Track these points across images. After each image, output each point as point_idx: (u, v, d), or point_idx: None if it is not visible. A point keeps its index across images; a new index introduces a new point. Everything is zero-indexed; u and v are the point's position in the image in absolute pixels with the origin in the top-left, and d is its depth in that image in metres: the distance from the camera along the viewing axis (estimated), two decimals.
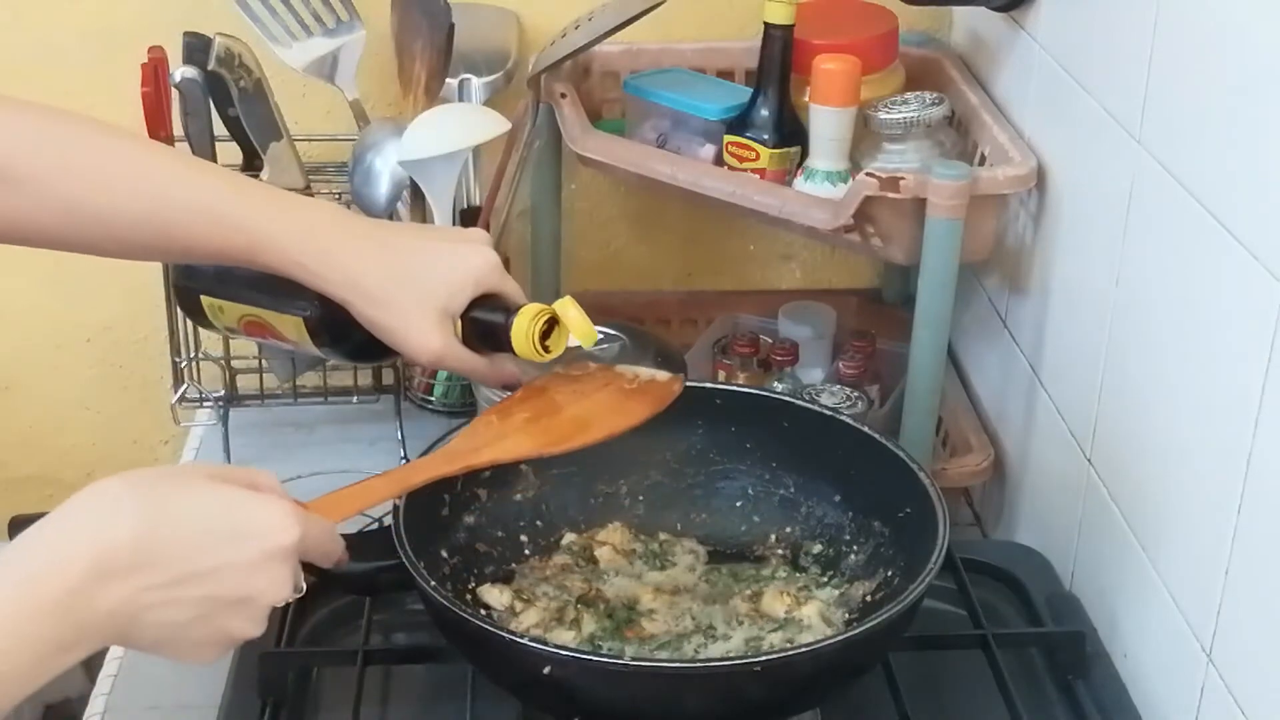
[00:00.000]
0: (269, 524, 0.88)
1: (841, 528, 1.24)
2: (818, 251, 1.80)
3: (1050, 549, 1.34)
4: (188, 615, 0.85)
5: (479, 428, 1.12)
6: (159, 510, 0.84)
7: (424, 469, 1.08)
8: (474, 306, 1.08)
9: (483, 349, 1.09)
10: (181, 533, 0.84)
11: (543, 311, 1.08)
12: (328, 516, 0.97)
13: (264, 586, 0.87)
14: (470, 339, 1.08)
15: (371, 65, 1.60)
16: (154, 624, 0.84)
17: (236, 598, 0.86)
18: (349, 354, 1.13)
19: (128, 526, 0.82)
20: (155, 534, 0.83)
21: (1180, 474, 1.11)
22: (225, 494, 0.87)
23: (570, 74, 1.57)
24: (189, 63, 1.46)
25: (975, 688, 1.17)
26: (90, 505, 0.83)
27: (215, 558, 0.85)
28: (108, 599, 0.81)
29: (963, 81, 1.53)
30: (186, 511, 0.85)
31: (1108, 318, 1.23)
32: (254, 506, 0.88)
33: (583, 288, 1.74)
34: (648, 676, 1.03)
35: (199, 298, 1.15)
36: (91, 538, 0.82)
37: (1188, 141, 1.09)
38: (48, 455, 1.84)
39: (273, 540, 0.87)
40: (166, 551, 0.83)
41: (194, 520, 0.85)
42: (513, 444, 1.10)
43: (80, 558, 0.81)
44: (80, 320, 1.80)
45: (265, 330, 1.13)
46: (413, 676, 1.21)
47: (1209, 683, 1.05)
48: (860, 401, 1.46)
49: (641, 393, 1.14)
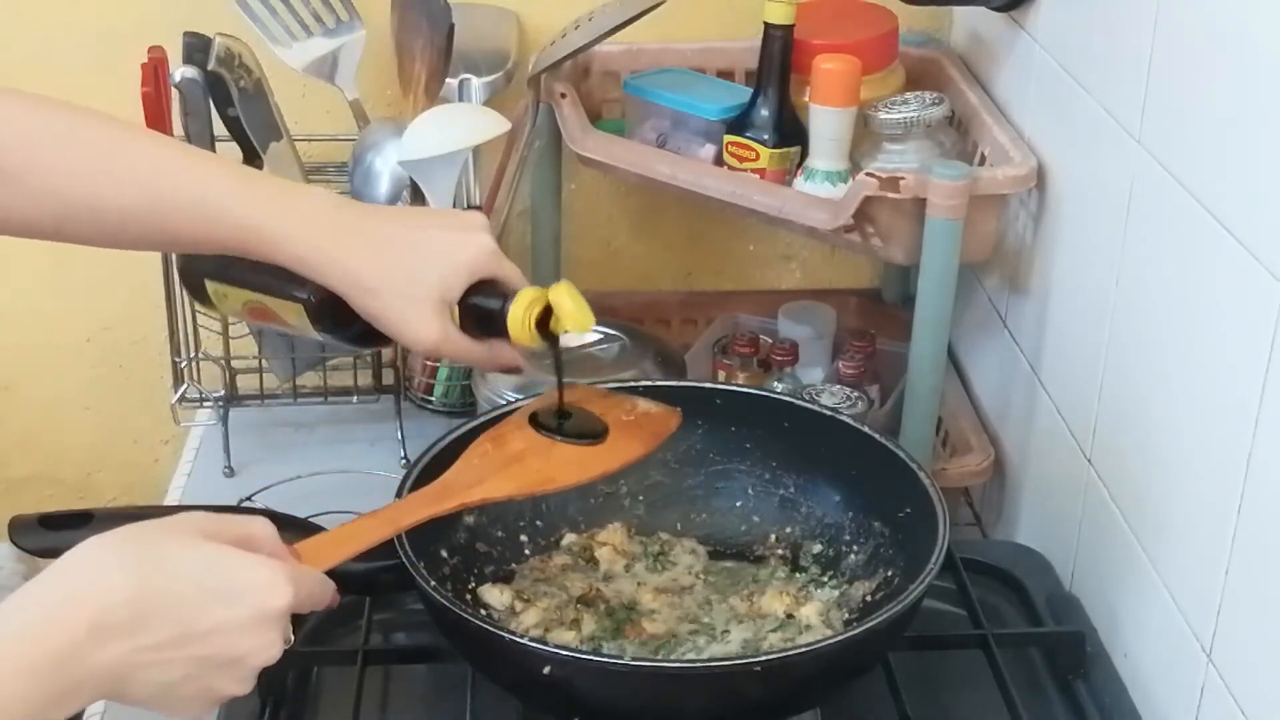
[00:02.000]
0: (262, 586, 0.88)
1: (841, 528, 1.24)
2: (818, 251, 1.80)
3: (1050, 549, 1.34)
4: (178, 675, 0.86)
5: (474, 459, 1.11)
6: (155, 569, 0.85)
7: (416, 509, 1.06)
8: (471, 292, 1.07)
9: (481, 335, 1.09)
10: (176, 592, 0.85)
11: (538, 299, 1.07)
12: (318, 564, 0.97)
13: (254, 648, 0.88)
14: (468, 325, 1.08)
15: (371, 65, 1.60)
16: (145, 682, 0.85)
17: (227, 659, 0.87)
18: (351, 339, 1.13)
19: (124, 585, 0.84)
20: (151, 593, 0.84)
21: (1180, 474, 1.11)
22: (219, 554, 0.88)
23: (570, 74, 1.57)
24: (189, 63, 1.46)
25: (975, 688, 1.18)
26: (87, 562, 0.85)
27: (209, 619, 0.86)
28: (103, 657, 0.83)
29: (963, 81, 1.53)
30: (181, 571, 0.86)
31: (1108, 318, 1.23)
32: (248, 568, 0.88)
33: (583, 288, 1.73)
34: (648, 676, 1.04)
35: (204, 281, 1.14)
36: (89, 596, 0.83)
37: (1188, 141, 1.09)
38: (47, 455, 1.84)
39: (266, 603, 0.88)
40: (161, 612, 0.85)
41: (188, 580, 0.86)
42: (504, 481, 1.08)
43: (77, 615, 0.82)
44: (80, 320, 1.80)
45: (267, 316, 1.13)
46: (413, 676, 1.21)
47: (1209, 683, 1.05)
48: (860, 401, 1.46)
49: (638, 426, 1.13)
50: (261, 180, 1.09)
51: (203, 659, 0.86)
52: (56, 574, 0.84)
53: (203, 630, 0.86)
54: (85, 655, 0.82)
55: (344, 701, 1.14)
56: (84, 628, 0.82)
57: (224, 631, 0.87)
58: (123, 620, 0.83)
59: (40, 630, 0.81)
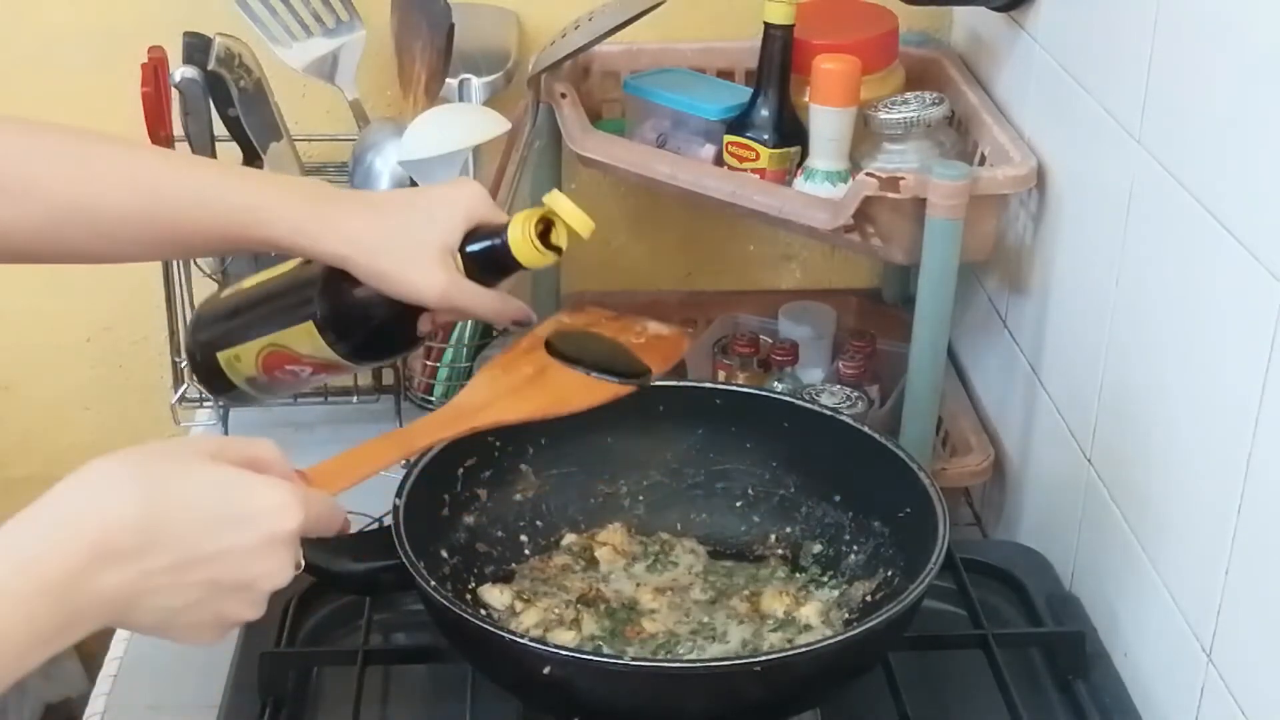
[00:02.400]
0: (271, 508, 0.86)
1: (841, 528, 1.24)
2: (818, 251, 1.80)
3: (1050, 549, 1.34)
4: (187, 600, 0.84)
5: (481, 383, 1.09)
6: (160, 492, 0.83)
7: (426, 431, 1.04)
8: (470, 240, 1.06)
9: (489, 280, 1.07)
10: (183, 516, 0.83)
11: (534, 212, 1.06)
12: (329, 488, 0.94)
13: (265, 571, 0.86)
14: (473, 273, 1.06)
15: (371, 65, 1.60)
16: (152, 608, 0.83)
17: (237, 583, 0.85)
18: (362, 346, 1.11)
19: (130, 509, 0.81)
20: (157, 517, 0.82)
21: (1180, 474, 1.11)
22: (226, 475, 0.86)
23: (570, 74, 1.57)
24: (189, 63, 1.46)
25: (975, 688, 1.18)
26: (90, 486, 0.82)
27: (217, 543, 0.84)
28: (108, 582, 0.80)
29: (963, 81, 1.53)
30: (187, 494, 0.84)
31: (1108, 318, 1.23)
32: (256, 489, 0.86)
33: (583, 288, 1.74)
34: (648, 676, 1.04)
35: (215, 357, 1.13)
36: (93, 520, 0.80)
37: (1188, 141, 1.09)
38: (47, 455, 1.84)
39: (275, 525, 0.85)
40: (168, 535, 0.82)
41: (195, 503, 0.84)
42: (516, 404, 1.07)
43: (82, 540, 0.80)
44: (80, 320, 1.80)
45: (283, 358, 1.10)
46: (413, 676, 1.21)
47: (1209, 683, 1.05)
48: (860, 401, 1.46)
49: (649, 348, 1.12)
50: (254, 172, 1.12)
51: (211, 583, 0.84)
52: (57, 499, 0.81)
53: (211, 553, 0.83)
54: (88, 582, 0.79)
55: (344, 701, 1.14)
56: (86, 553, 0.79)
57: (234, 554, 0.84)
58: (127, 545, 0.80)
59: (43, 556, 0.79)
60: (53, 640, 0.79)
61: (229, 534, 0.84)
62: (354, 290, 1.06)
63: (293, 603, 1.21)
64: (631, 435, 1.26)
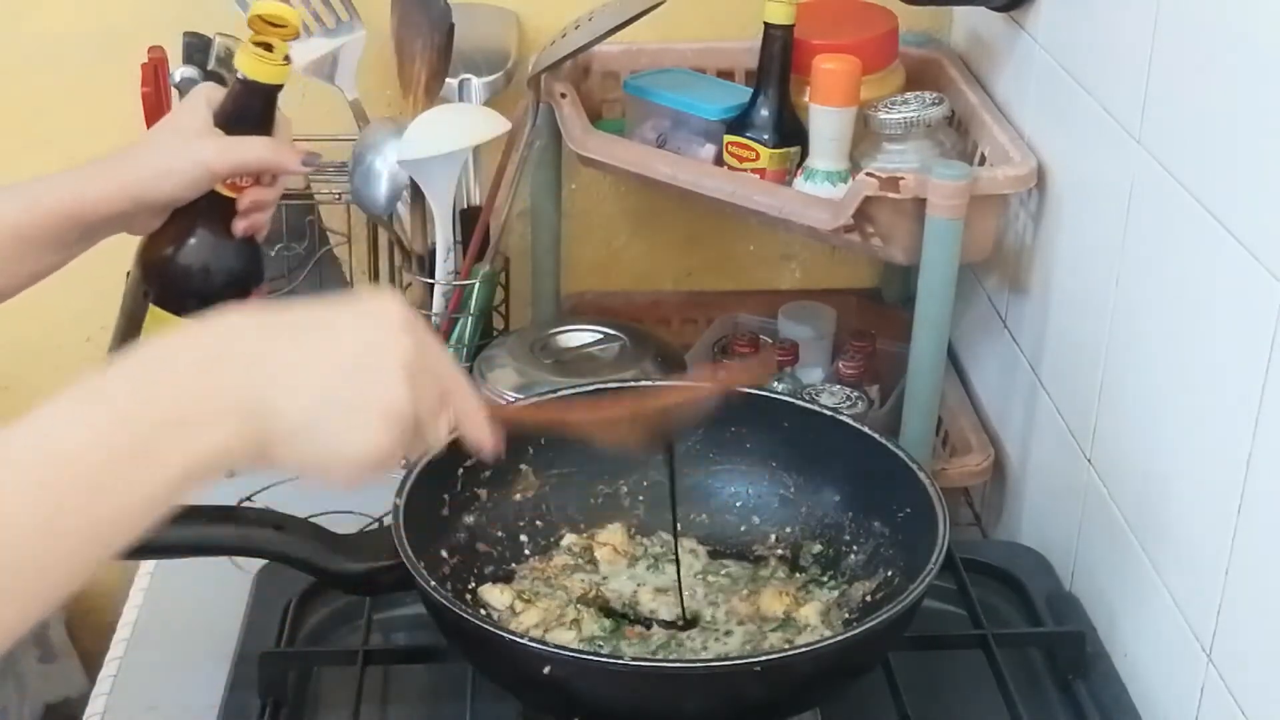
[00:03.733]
0: (382, 304, 0.85)
1: (841, 528, 1.24)
2: (818, 251, 1.80)
3: (1050, 549, 1.34)
4: (323, 374, 0.81)
5: None
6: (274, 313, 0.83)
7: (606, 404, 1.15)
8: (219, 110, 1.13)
9: (258, 130, 1.12)
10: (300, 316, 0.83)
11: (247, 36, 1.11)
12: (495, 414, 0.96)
13: (394, 347, 0.83)
14: (240, 131, 1.12)
15: (371, 65, 1.60)
16: (290, 386, 0.80)
17: (368, 347, 0.83)
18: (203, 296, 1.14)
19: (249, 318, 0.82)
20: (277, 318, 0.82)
21: (1180, 474, 1.11)
22: None
23: (570, 74, 1.57)
24: (189, 63, 1.46)
25: (975, 688, 1.18)
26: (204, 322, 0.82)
27: (334, 312, 0.84)
28: (239, 348, 0.79)
29: (963, 81, 1.53)
30: None
31: (1108, 318, 1.23)
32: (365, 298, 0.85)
33: (583, 288, 1.74)
34: (648, 676, 1.04)
35: None
36: (212, 326, 0.81)
37: (1188, 141, 1.09)
38: None
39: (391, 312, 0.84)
40: (288, 318, 0.82)
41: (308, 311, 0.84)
42: None
43: (204, 333, 0.80)
44: (79, 320, 1.79)
45: None
46: (413, 676, 1.21)
47: (1209, 683, 1.06)
48: (860, 401, 1.46)
49: None
50: None
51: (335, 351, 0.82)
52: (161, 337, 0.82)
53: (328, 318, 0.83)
54: (218, 359, 0.79)
55: (344, 701, 1.14)
56: (213, 339, 0.80)
57: (354, 327, 0.83)
58: (252, 326, 0.81)
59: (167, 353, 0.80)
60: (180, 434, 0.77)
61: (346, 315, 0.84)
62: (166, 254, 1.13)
63: (293, 603, 1.22)
64: None
